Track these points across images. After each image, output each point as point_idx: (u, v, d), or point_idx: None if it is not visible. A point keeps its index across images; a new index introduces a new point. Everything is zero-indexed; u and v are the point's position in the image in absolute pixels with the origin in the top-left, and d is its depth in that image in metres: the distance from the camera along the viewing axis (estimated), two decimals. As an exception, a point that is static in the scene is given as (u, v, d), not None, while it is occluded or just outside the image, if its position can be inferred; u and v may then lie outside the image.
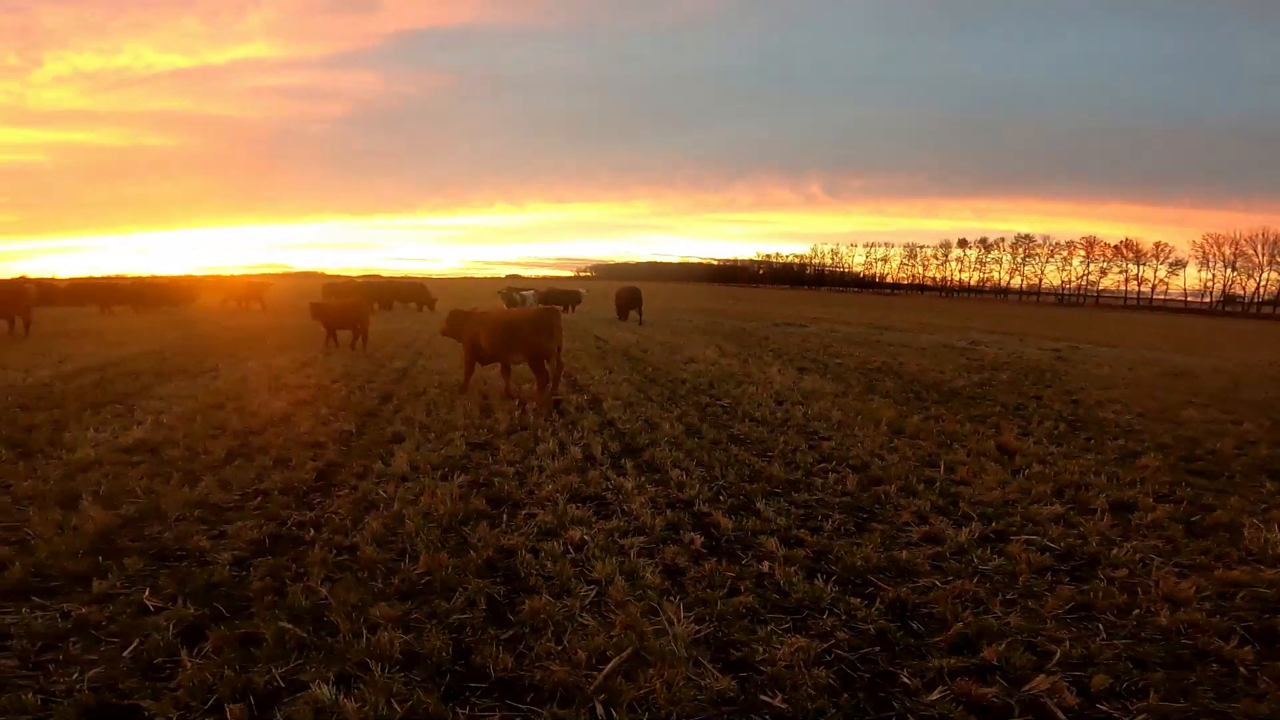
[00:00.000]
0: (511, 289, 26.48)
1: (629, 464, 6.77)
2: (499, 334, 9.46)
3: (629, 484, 6.11)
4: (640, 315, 25.77)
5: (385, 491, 5.64)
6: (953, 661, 3.47)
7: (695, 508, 5.67)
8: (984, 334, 26.26)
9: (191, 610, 3.71)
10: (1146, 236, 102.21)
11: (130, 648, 3.37)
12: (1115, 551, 4.83)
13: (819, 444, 7.87)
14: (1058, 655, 3.53)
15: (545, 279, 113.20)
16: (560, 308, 10.87)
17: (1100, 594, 4.18)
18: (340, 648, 3.40)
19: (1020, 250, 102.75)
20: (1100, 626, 3.86)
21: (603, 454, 7.06)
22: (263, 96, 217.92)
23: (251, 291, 32.46)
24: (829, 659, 3.50)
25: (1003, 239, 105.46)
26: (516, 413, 8.74)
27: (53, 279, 36.03)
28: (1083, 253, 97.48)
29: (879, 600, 4.15)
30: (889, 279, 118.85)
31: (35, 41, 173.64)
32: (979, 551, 4.87)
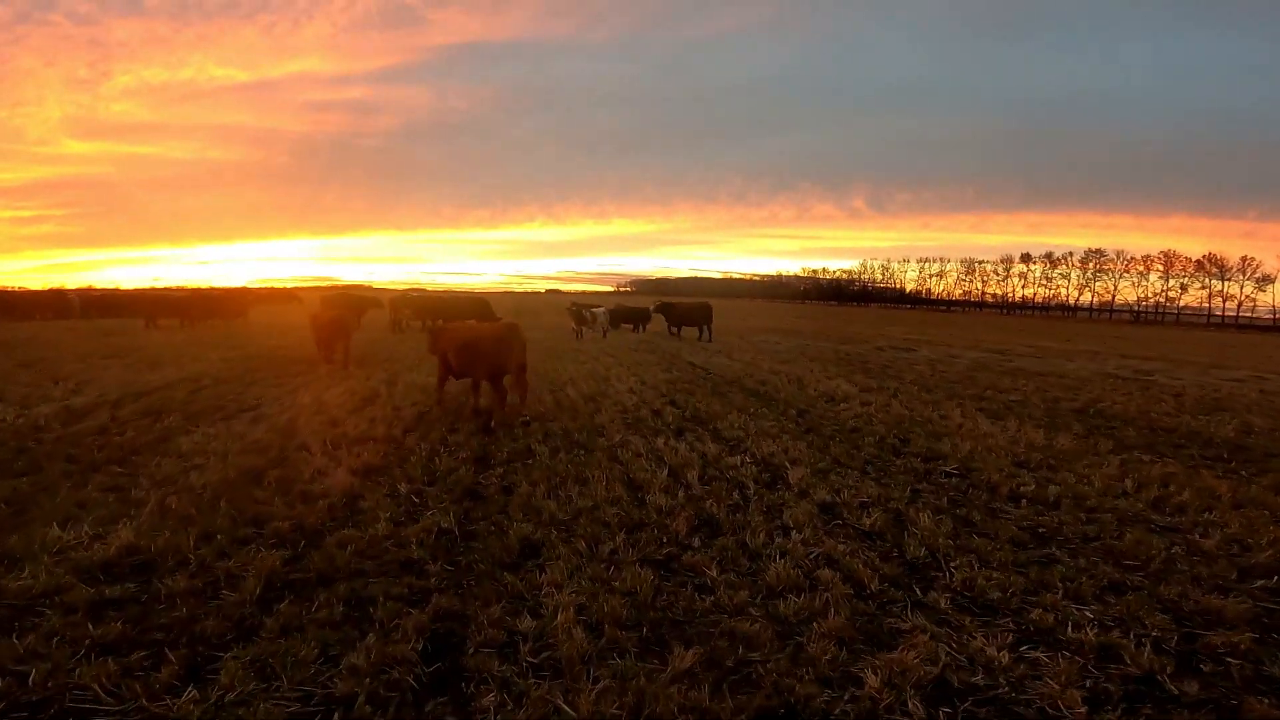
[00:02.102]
0: (578, 305, 23.87)
1: (943, 601, 3.94)
2: (464, 350, 9.08)
3: (1000, 655, 3.31)
4: (684, 332, 23.73)
5: (572, 705, 2.87)
6: None
7: (1170, 687, 2.90)
8: (1127, 359, 22.64)
9: None
10: (1216, 250, 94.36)
11: None
12: None
13: (1188, 539, 5.01)
14: None
15: (611, 295, 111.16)
16: (632, 326, 8.32)
17: None
18: None
19: (1091, 265, 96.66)
20: None
21: (877, 581, 4.22)
22: (318, 110, 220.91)
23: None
24: None
25: (1070, 253, 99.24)
26: (681, 493, 5.95)
27: (96, 289, 34.51)
28: (1160, 268, 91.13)
29: None
30: (945, 295, 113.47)
31: (106, 54, 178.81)
32: None
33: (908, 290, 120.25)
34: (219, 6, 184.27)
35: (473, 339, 9.12)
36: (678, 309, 24.66)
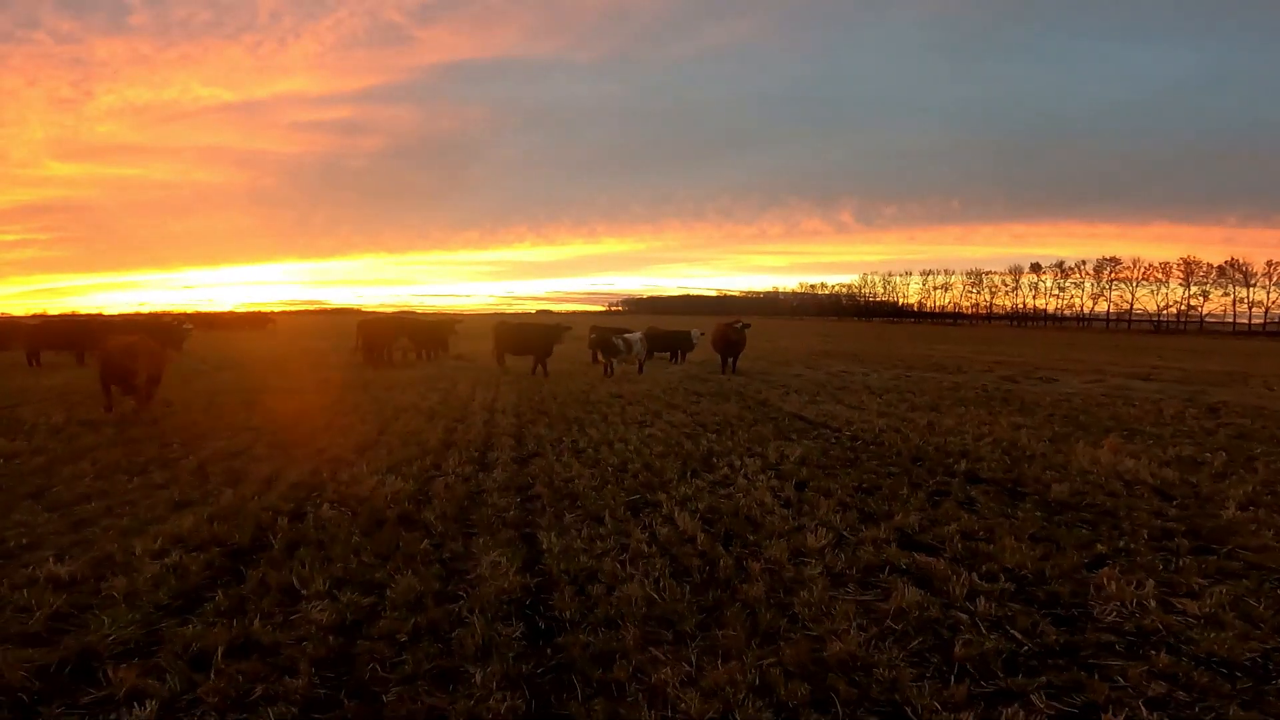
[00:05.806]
0: (603, 329, 18.30)
1: None
2: (101, 362, 10.48)
3: None
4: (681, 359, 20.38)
5: None
6: None
7: None
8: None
9: None
10: (1195, 257, 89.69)
11: None
12: None
13: None
14: None
15: (603, 315, 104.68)
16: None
17: None
18: None
19: (1106, 273, 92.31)
20: None
21: None
22: (305, 131, 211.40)
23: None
24: None
25: (1083, 262, 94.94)
26: None
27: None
28: (1180, 274, 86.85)
29: None
30: (951, 308, 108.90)
31: (89, 74, 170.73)
32: None
33: (910, 304, 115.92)
34: (204, 25, 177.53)
35: (109, 352, 10.29)
36: (729, 334, 18.36)
